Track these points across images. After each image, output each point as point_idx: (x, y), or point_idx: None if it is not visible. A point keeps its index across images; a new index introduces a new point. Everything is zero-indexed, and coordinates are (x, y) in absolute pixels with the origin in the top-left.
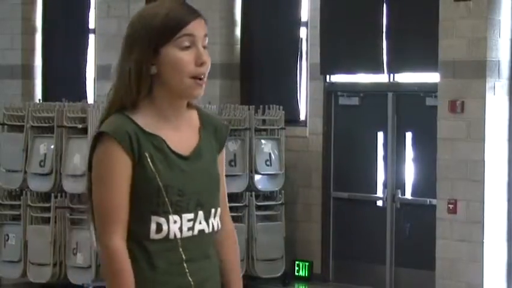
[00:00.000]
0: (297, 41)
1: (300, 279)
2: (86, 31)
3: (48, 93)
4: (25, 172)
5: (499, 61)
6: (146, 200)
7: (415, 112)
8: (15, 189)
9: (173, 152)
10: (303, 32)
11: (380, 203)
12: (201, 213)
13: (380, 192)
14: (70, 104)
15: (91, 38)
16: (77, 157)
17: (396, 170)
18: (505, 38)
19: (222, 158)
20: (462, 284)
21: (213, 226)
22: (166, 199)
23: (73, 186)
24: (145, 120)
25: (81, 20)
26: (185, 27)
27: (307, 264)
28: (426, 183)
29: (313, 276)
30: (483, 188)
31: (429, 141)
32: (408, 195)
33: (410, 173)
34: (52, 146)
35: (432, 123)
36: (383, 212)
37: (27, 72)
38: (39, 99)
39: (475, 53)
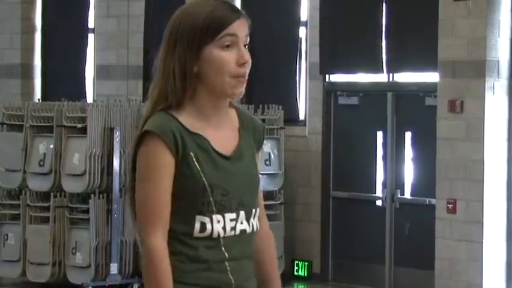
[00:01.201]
0: (296, 40)
1: (300, 278)
2: (85, 30)
3: (47, 93)
4: (24, 172)
5: (498, 61)
6: (191, 200)
7: (414, 112)
8: (14, 189)
9: (217, 152)
10: (302, 32)
11: (379, 202)
12: (242, 213)
13: (379, 192)
14: (69, 103)
15: (91, 37)
16: (76, 156)
17: (395, 170)
18: (505, 38)
19: (259, 158)
20: (461, 283)
21: (253, 226)
22: (211, 198)
23: (72, 186)
24: (188, 119)
25: (80, 19)
26: (228, 26)
27: (306, 263)
28: (426, 183)
29: (312, 275)
30: (482, 187)
31: (428, 141)
32: (407, 194)
33: (409, 172)
34: (51, 146)
35: (431, 123)
36: (382, 212)
37: (26, 71)
38: (39, 99)
39: (475, 53)
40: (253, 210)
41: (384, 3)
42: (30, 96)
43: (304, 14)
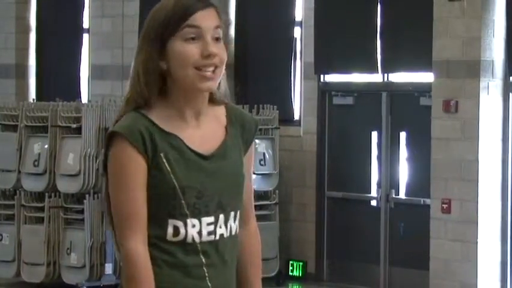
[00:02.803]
0: (291, 40)
1: (294, 278)
2: (80, 30)
3: (42, 93)
4: (19, 172)
5: (492, 61)
6: (163, 202)
7: (409, 112)
8: (9, 189)
9: (193, 152)
10: (297, 32)
11: (374, 202)
12: (221, 216)
13: (374, 192)
14: (64, 103)
15: (85, 37)
16: (71, 157)
17: (390, 170)
18: (499, 38)
19: (250, 156)
20: (456, 283)
21: (231, 230)
22: (183, 201)
23: (67, 186)
24: (161, 118)
25: (75, 19)
26: (190, 18)
27: (301, 264)
28: (420, 182)
29: (307, 275)
30: (477, 187)
31: (423, 141)
32: (402, 194)
33: (404, 172)
34: (46, 146)
35: (426, 123)
36: (377, 212)
37: (21, 71)
38: (33, 99)
39: (469, 53)
40: (233, 212)
41: (379, 3)
42: (25, 96)
43: (299, 14)
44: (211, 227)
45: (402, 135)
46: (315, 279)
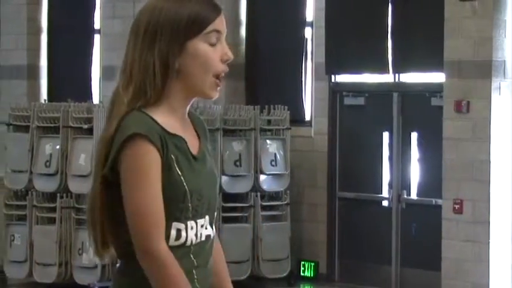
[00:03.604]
0: (302, 41)
1: (306, 279)
2: (91, 31)
3: (53, 94)
4: (31, 172)
5: (504, 61)
6: (171, 206)
7: (420, 112)
8: (21, 190)
9: (192, 154)
10: (308, 32)
11: (385, 203)
12: (207, 217)
13: (385, 193)
14: (75, 104)
15: (96, 38)
16: (82, 157)
17: (401, 170)
18: (511, 38)
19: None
20: (468, 284)
21: (214, 230)
22: (190, 204)
23: (78, 186)
24: (163, 119)
25: (86, 20)
26: (213, 22)
27: (313, 264)
28: (432, 183)
29: (319, 276)
30: (489, 188)
31: (434, 142)
32: (413, 195)
33: (415, 173)
34: (58, 146)
35: (437, 124)
36: (388, 212)
37: (32, 72)
38: (45, 100)
39: (481, 53)
40: (215, 213)
41: (390, 4)
42: (37, 97)
43: (310, 14)
44: (202, 229)
45: (414, 136)
46: (326, 280)
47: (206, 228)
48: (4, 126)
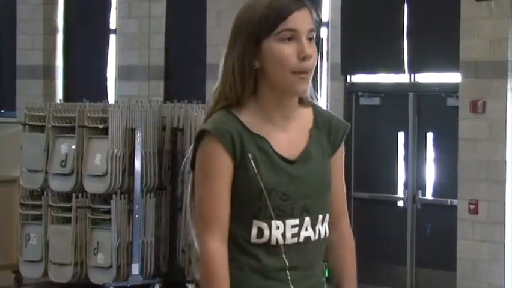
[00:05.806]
0: (317, 41)
1: None
2: (107, 31)
3: (69, 94)
4: (46, 172)
5: None
6: (248, 203)
7: (436, 112)
8: (36, 189)
9: (278, 155)
10: (323, 32)
11: (400, 203)
12: (307, 219)
13: (400, 193)
14: (91, 104)
15: (112, 38)
16: (98, 157)
17: (417, 171)
18: None
19: (339, 158)
20: (483, 284)
21: (319, 233)
22: (269, 203)
23: (93, 186)
24: (250, 119)
25: (102, 20)
26: (287, 19)
27: (325, 264)
28: (447, 183)
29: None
30: (504, 188)
31: (450, 142)
32: (429, 195)
33: (431, 173)
34: (73, 146)
35: (453, 124)
36: (403, 213)
37: (48, 72)
38: (61, 100)
39: (497, 53)
40: (321, 216)
41: (405, 3)
42: (52, 97)
43: (325, 14)
44: (296, 229)
45: (429, 136)
46: None
47: (306, 230)
48: (20, 126)
